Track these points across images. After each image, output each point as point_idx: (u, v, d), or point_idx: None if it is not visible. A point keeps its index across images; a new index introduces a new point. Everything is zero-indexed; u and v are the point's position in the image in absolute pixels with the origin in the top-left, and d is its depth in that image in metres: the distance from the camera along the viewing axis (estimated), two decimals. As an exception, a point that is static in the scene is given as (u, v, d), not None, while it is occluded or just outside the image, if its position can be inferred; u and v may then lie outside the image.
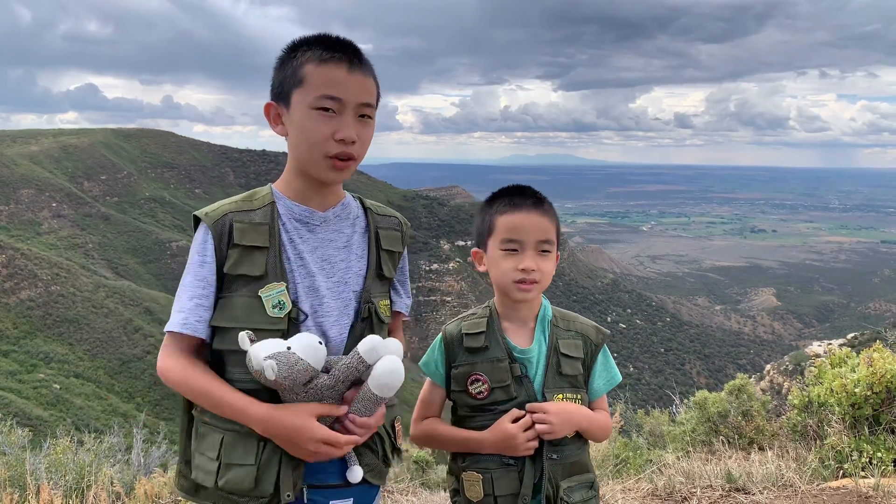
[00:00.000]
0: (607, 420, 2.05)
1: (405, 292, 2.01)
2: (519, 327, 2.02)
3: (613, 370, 2.07)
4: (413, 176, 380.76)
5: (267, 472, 1.65)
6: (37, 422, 32.98)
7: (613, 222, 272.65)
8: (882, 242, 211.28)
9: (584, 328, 2.05)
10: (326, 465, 1.73)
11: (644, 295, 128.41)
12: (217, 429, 1.70)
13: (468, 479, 1.95)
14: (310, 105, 1.69)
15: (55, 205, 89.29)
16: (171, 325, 1.70)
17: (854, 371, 4.47)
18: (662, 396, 15.56)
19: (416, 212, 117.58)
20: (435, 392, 2.08)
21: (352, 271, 1.82)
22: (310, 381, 1.63)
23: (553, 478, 1.92)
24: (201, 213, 1.75)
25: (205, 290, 1.71)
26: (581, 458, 2.00)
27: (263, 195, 1.81)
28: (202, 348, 1.75)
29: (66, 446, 4.69)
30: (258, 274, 1.70)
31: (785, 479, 4.01)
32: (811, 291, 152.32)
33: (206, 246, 1.72)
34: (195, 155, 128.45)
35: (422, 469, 5.84)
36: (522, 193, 1.99)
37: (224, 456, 1.67)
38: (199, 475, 1.71)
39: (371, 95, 1.76)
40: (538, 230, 1.94)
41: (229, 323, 1.68)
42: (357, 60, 1.72)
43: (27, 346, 54.50)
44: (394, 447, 1.89)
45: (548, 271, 1.96)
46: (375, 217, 1.92)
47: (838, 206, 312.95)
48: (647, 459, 5.19)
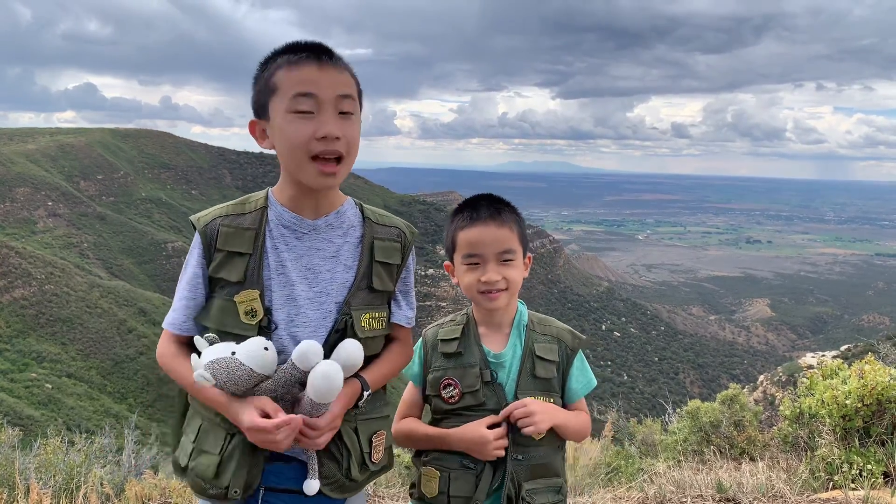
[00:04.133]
0: (585, 420, 2.08)
1: (406, 304, 1.97)
2: (495, 332, 2.06)
3: (589, 374, 2.10)
4: (410, 181, 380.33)
5: (228, 465, 1.69)
6: (28, 421, 32.78)
7: (609, 230, 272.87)
8: (876, 255, 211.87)
9: (560, 332, 2.08)
10: (287, 470, 1.74)
11: (639, 304, 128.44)
12: (198, 414, 1.80)
13: (426, 474, 1.99)
14: (286, 109, 1.68)
15: (51, 203, 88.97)
16: (165, 322, 1.84)
17: (845, 383, 4.49)
18: (656, 405, 15.72)
19: (413, 217, 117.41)
20: (415, 393, 2.13)
21: (336, 282, 1.80)
22: (255, 387, 1.65)
23: (516, 478, 1.94)
24: (194, 219, 1.83)
25: (191, 291, 1.79)
26: (550, 461, 2.01)
27: (257, 200, 1.82)
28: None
29: (56, 446, 4.67)
30: (235, 280, 1.73)
31: (775, 490, 4.01)
32: (805, 303, 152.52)
33: (195, 250, 1.80)
34: (192, 156, 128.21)
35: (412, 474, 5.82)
36: (478, 206, 2.00)
37: (198, 441, 1.76)
38: (180, 454, 1.80)
39: (348, 87, 1.72)
40: (495, 242, 1.97)
41: (209, 324, 1.76)
42: (326, 56, 1.70)
43: (19, 344, 54.18)
44: (363, 462, 1.83)
45: (513, 278, 1.98)
46: (374, 227, 1.88)
47: (833, 219, 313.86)
48: (638, 468, 5.19)
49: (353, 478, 1.80)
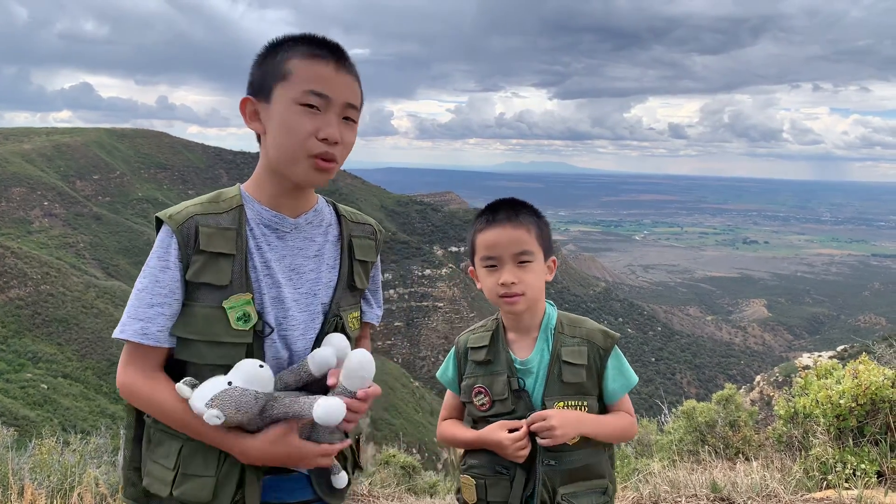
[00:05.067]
0: (623, 421, 2.03)
1: (376, 303, 1.94)
2: (523, 337, 2.04)
3: (628, 373, 2.05)
4: (407, 181, 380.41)
5: (226, 485, 1.59)
6: (23, 422, 32.65)
7: (606, 231, 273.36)
8: (873, 256, 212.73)
9: (591, 333, 2.04)
10: (285, 482, 1.69)
11: (636, 304, 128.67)
12: (175, 437, 1.62)
13: (464, 482, 2.02)
14: (294, 100, 1.59)
15: (46, 203, 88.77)
16: (127, 332, 1.58)
17: (840, 383, 4.50)
18: (653, 406, 15.71)
19: (410, 217, 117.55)
20: (453, 398, 2.16)
21: (321, 282, 1.74)
22: (263, 410, 1.56)
23: (550, 483, 1.92)
24: (164, 215, 1.65)
25: (167, 297, 1.59)
26: (590, 463, 1.98)
27: (231, 197, 1.70)
28: (165, 359, 1.64)
29: (51, 446, 4.66)
30: (223, 283, 1.60)
31: (769, 490, 4.02)
32: (802, 303, 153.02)
33: (170, 251, 1.61)
34: (189, 156, 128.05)
35: (408, 474, 5.83)
36: (497, 209, 2.01)
37: (182, 465, 1.60)
38: (154, 484, 1.62)
39: (357, 98, 1.69)
40: (512, 243, 1.95)
41: (191, 335, 1.59)
42: (344, 61, 1.66)
43: (15, 345, 54.04)
44: (356, 464, 1.87)
45: (531, 281, 1.96)
46: (349, 225, 1.84)
47: (830, 219, 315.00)
48: (633, 468, 5.20)
49: (350, 479, 1.83)
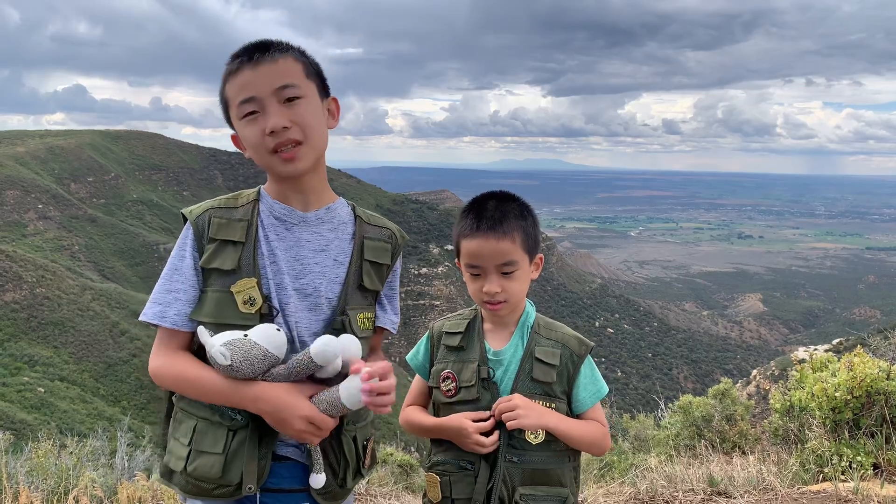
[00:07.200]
0: (592, 428, 1.99)
1: (392, 308, 1.96)
2: (500, 330, 2.05)
3: (599, 382, 2.03)
4: (402, 180, 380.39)
5: (234, 463, 1.67)
6: (20, 425, 32.60)
7: (602, 227, 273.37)
8: (867, 249, 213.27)
9: (566, 338, 2.03)
10: (281, 469, 1.74)
11: (632, 300, 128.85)
12: (191, 416, 1.74)
13: (429, 480, 2.01)
14: (238, 117, 1.75)
15: (41, 206, 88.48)
16: (147, 315, 1.74)
17: (835, 376, 4.52)
18: (650, 401, 15.61)
19: (406, 216, 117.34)
20: (421, 383, 2.14)
21: (325, 276, 1.80)
22: (268, 370, 1.65)
23: (509, 480, 1.91)
24: (186, 211, 1.81)
25: (183, 284, 1.74)
26: (552, 468, 1.95)
27: (249, 195, 1.84)
28: (190, 344, 1.76)
29: (47, 450, 4.65)
30: (229, 268, 1.71)
31: (766, 483, 4.04)
32: (797, 297, 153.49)
33: (187, 241, 1.76)
34: (183, 157, 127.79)
35: (406, 473, 5.83)
36: (482, 213, 1.95)
37: (195, 443, 1.70)
38: (172, 460, 1.74)
39: (286, 76, 1.71)
40: (495, 255, 1.93)
41: (204, 318, 1.70)
42: (259, 53, 1.71)
43: (11, 348, 53.90)
44: (358, 471, 1.85)
45: (514, 290, 1.96)
46: (364, 226, 1.89)
47: (824, 213, 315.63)
48: (630, 464, 5.21)
49: (346, 486, 1.82)
